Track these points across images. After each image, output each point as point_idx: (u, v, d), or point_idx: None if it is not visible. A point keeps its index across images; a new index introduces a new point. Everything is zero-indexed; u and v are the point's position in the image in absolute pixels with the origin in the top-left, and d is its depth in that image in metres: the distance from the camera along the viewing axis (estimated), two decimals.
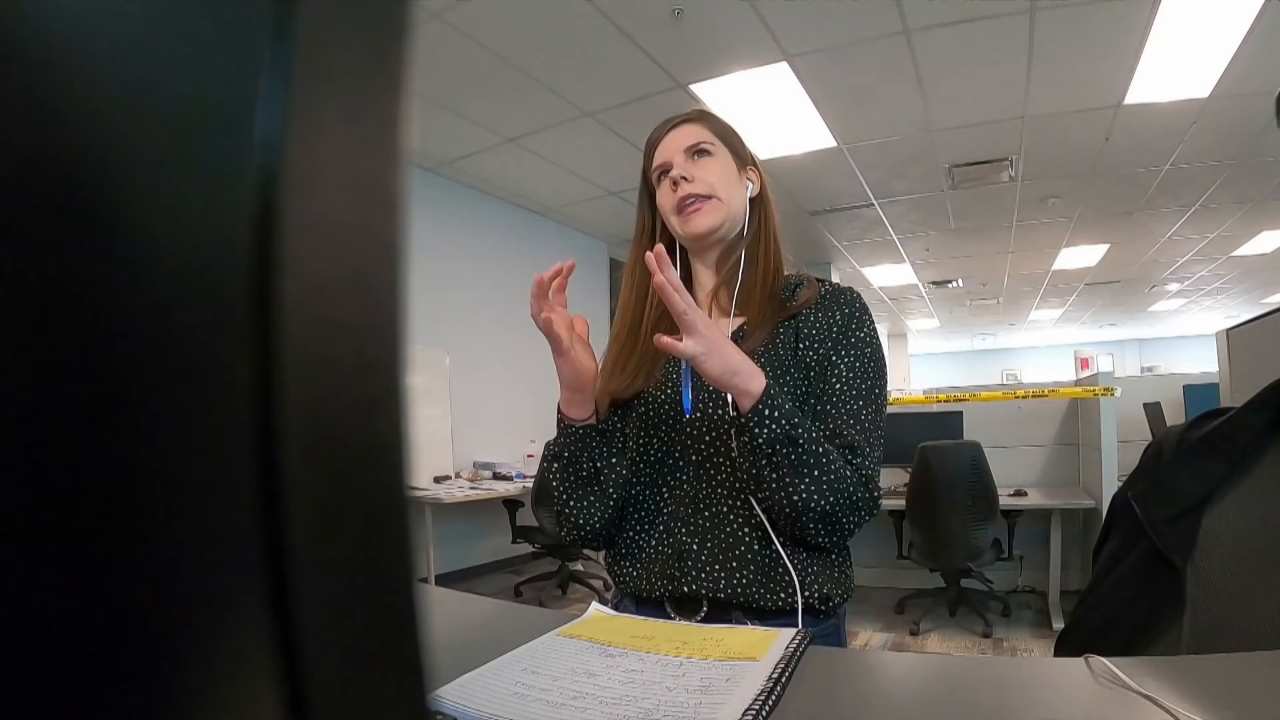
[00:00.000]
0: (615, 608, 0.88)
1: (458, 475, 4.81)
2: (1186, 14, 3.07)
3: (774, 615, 0.79)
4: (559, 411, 0.87)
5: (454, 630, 0.73)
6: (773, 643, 0.62)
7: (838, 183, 5.18)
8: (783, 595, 0.79)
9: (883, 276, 8.11)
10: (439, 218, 4.93)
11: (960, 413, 3.87)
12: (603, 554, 0.95)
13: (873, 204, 5.64)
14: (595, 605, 0.77)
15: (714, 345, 0.72)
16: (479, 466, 4.97)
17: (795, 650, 0.59)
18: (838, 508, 0.76)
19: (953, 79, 3.66)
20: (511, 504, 4.24)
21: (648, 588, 0.84)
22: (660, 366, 0.89)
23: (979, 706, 0.50)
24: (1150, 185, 5.26)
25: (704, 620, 0.81)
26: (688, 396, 0.82)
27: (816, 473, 0.75)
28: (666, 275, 0.70)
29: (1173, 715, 0.44)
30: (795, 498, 0.75)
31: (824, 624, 0.82)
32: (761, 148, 4.50)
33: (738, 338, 0.87)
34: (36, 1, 0.12)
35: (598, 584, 4.27)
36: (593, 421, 0.86)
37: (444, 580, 4.44)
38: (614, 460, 0.87)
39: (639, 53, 3.40)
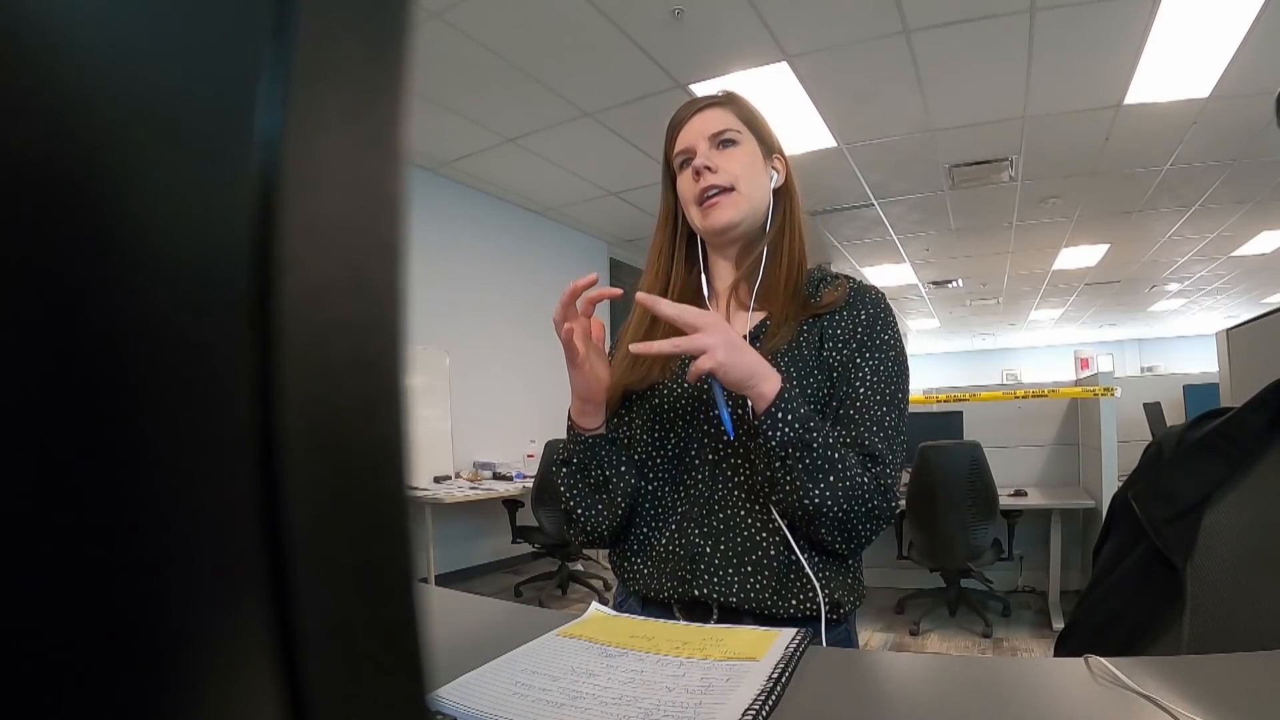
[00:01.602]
0: (618, 608, 0.87)
1: (458, 475, 4.81)
2: (1186, 14, 3.07)
3: (787, 624, 0.77)
4: (569, 418, 0.86)
5: (454, 630, 0.73)
6: (773, 643, 0.62)
7: (838, 183, 5.18)
8: (795, 601, 0.78)
9: (883, 276, 8.11)
10: (439, 218, 4.93)
11: (960, 413, 3.87)
12: (606, 551, 0.93)
13: (873, 204, 5.64)
14: (595, 605, 0.76)
15: (734, 358, 0.72)
16: (479, 466, 4.97)
17: (795, 650, 0.59)
18: (852, 514, 0.74)
19: (953, 79, 3.66)
20: (511, 504, 4.24)
21: (656, 588, 0.82)
22: (676, 358, 0.86)
23: (979, 706, 0.50)
24: (1150, 185, 5.26)
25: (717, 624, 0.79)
26: (727, 418, 0.76)
27: (832, 478, 0.73)
28: (662, 310, 0.72)
29: (1172, 715, 0.44)
30: (808, 502, 0.73)
31: (834, 630, 0.80)
32: None
33: (758, 334, 0.85)
34: (36, 1, 0.12)
35: (598, 584, 4.27)
36: (603, 431, 0.85)
37: (444, 580, 4.44)
38: (624, 469, 0.85)
39: (639, 53, 3.40)
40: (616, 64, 3.49)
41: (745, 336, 0.83)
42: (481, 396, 5.14)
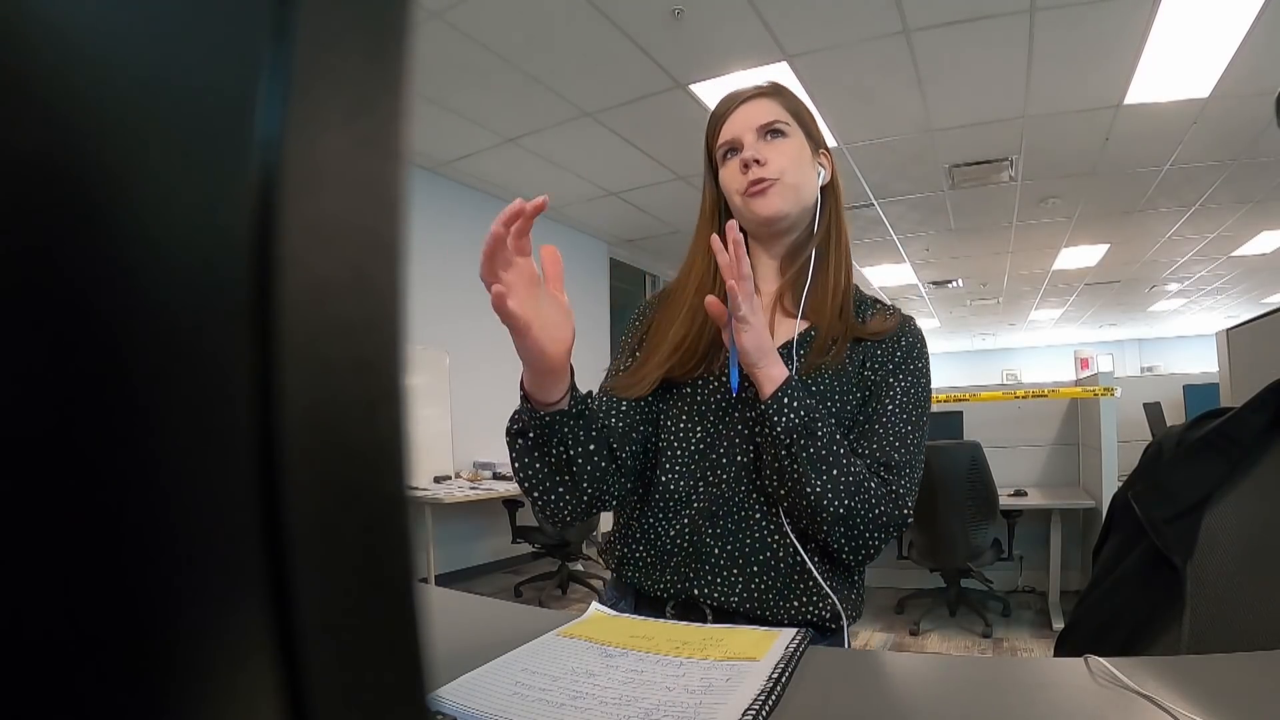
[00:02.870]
0: (613, 603, 0.87)
1: (458, 475, 4.81)
2: (1186, 14, 3.07)
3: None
4: (521, 388, 0.73)
5: (454, 630, 0.73)
6: (773, 643, 0.62)
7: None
8: (796, 604, 0.77)
9: (883, 276, 8.10)
10: (439, 218, 4.93)
11: (960, 413, 3.87)
12: (604, 533, 0.89)
13: (873, 204, 5.64)
14: (595, 605, 0.76)
15: (758, 321, 0.74)
16: (479, 466, 4.97)
17: (795, 650, 0.59)
18: (857, 515, 0.73)
19: (953, 79, 3.66)
20: (511, 504, 4.23)
21: (653, 582, 0.81)
22: (720, 355, 0.83)
23: (979, 706, 0.50)
24: (1150, 185, 5.26)
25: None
26: (735, 374, 0.76)
27: (835, 471, 0.73)
28: (734, 236, 0.71)
29: (1172, 715, 0.44)
30: (809, 491, 0.73)
31: (829, 641, 0.80)
32: None
33: (803, 343, 0.83)
34: (37, 2, 0.12)
35: (598, 584, 4.27)
36: (564, 406, 0.73)
37: (444, 580, 4.44)
38: (591, 448, 0.75)
39: (639, 53, 3.40)
40: (616, 64, 3.49)
41: (790, 343, 0.82)
42: (481, 396, 5.13)
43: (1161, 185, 5.25)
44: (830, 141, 4.45)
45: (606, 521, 0.96)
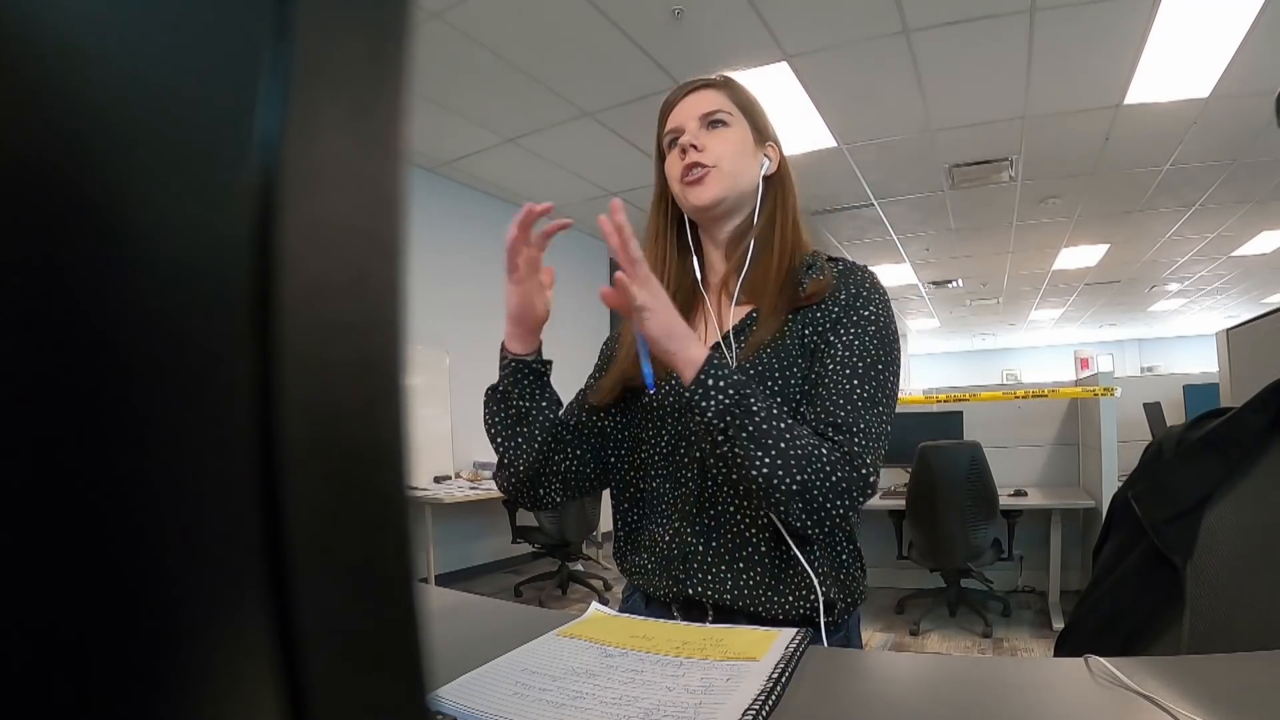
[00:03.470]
0: (624, 603, 0.88)
1: (458, 475, 4.81)
2: (1186, 14, 3.07)
3: (783, 624, 0.75)
4: (502, 346, 0.85)
5: (454, 630, 0.73)
6: (773, 643, 0.62)
7: (838, 183, 5.18)
8: (791, 598, 0.77)
9: (883, 276, 7.89)
10: (439, 218, 4.93)
11: (960, 413, 3.87)
12: (605, 551, 0.93)
13: (873, 204, 5.64)
14: (595, 605, 0.76)
15: (661, 304, 0.71)
16: (479, 466, 4.97)
17: (795, 650, 0.59)
18: (812, 486, 0.68)
19: (953, 79, 3.66)
20: (511, 504, 4.23)
21: (655, 585, 0.82)
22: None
23: (979, 706, 0.50)
24: (1150, 185, 5.26)
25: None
26: (647, 368, 0.75)
27: (782, 445, 0.69)
28: (618, 221, 0.68)
29: (1172, 715, 0.44)
30: (756, 474, 0.68)
31: (834, 635, 0.79)
32: None
33: (744, 327, 0.83)
34: (37, 2, 0.12)
35: (598, 584, 4.27)
36: (530, 358, 0.84)
37: (444, 580, 4.44)
38: (544, 403, 0.85)
39: (639, 53, 3.40)
40: (616, 64, 3.49)
41: (730, 331, 0.83)
42: (481, 396, 5.13)
43: (1161, 185, 5.25)
44: (830, 141, 4.47)
45: (606, 522, 0.98)
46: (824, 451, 0.70)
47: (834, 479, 0.69)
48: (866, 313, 0.78)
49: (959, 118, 4.13)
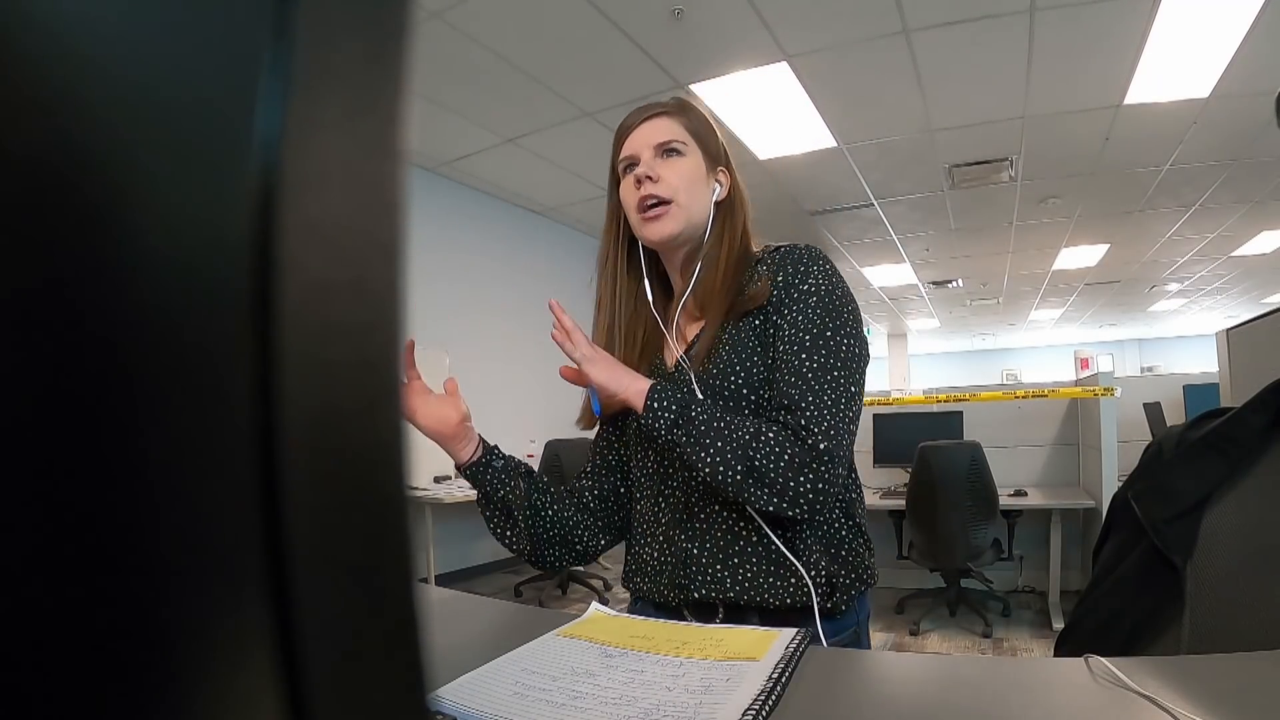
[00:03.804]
0: (631, 610, 0.89)
1: (458, 475, 4.80)
2: (1186, 14, 3.07)
3: (788, 614, 0.78)
4: (455, 465, 0.94)
5: (454, 630, 0.73)
6: (773, 643, 0.62)
7: (838, 183, 5.18)
8: (794, 584, 0.78)
9: (883, 276, 8.10)
10: (439, 218, 4.93)
11: (960, 413, 3.87)
12: (605, 552, 0.97)
13: (873, 204, 5.64)
14: (595, 605, 0.77)
15: (610, 374, 0.81)
16: None
17: (795, 650, 0.59)
18: (763, 466, 0.72)
19: (953, 79, 3.66)
20: None
21: (663, 595, 0.84)
22: (644, 369, 0.88)
23: (979, 706, 0.50)
24: (1150, 185, 5.26)
25: (720, 624, 0.79)
26: (596, 403, 0.87)
27: (720, 441, 0.74)
28: (561, 321, 0.81)
29: (1172, 715, 0.44)
30: (707, 470, 0.75)
31: (842, 634, 0.80)
32: (761, 148, 4.50)
33: (699, 339, 0.86)
34: (36, 2, 0.12)
35: (598, 584, 4.27)
36: (476, 458, 0.91)
37: (444, 580, 4.44)
38: (513, 484, 0.90)
39: (639, 53, 3.40)
40: (616, 64, 3.49)
41: (687, 349, 0.87)
42: (481, 396, 5.13)
43: (1161, 185, 5.25)
44: (830, 141, 4.48)
45: None
46: (771, 434, 0.74)
47: (786, 457, 0.73)
48: (806, 286, 0.80)
49: (959, 118, 4.13)
